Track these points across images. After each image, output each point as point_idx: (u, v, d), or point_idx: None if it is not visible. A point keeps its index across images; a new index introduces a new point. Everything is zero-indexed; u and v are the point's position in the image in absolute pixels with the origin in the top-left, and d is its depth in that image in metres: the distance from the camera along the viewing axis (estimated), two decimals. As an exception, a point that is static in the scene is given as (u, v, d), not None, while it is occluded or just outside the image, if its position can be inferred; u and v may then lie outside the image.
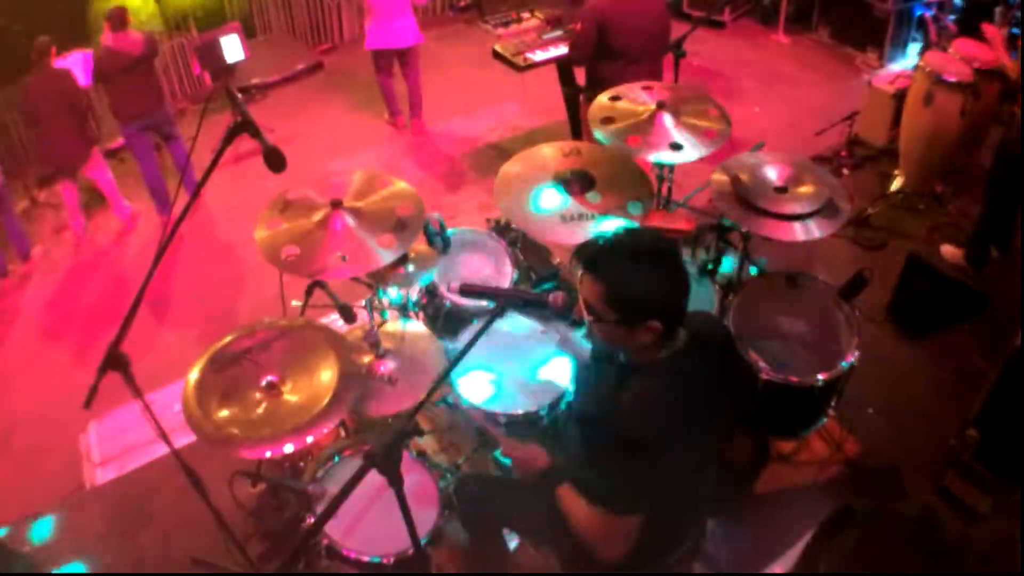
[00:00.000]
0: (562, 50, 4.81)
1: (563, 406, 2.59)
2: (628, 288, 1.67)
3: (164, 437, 2.13)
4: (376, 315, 2.94)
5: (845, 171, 5.02)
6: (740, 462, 2.88)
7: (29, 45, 4.87)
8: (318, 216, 2.65)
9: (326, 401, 2.30)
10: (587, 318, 1.75)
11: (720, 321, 1.95)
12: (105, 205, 5.57)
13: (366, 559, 2.23)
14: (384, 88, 6.03)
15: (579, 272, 1.74)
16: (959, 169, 4.63)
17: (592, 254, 1.72)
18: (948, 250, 4.11)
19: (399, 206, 2.73)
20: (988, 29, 3.98)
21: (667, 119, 3.11)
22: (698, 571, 2.62)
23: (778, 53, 6.91)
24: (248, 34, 6.77)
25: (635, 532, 1.75)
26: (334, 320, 3.10)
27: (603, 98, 3.32)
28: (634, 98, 3.28)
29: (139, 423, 3.34)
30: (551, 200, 2.77)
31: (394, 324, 2.92)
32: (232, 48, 6.27)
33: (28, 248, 5.23)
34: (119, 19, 4.82)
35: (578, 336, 2.75)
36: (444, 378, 2.01)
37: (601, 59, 4.11)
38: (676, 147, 3.04)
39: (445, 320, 3.06)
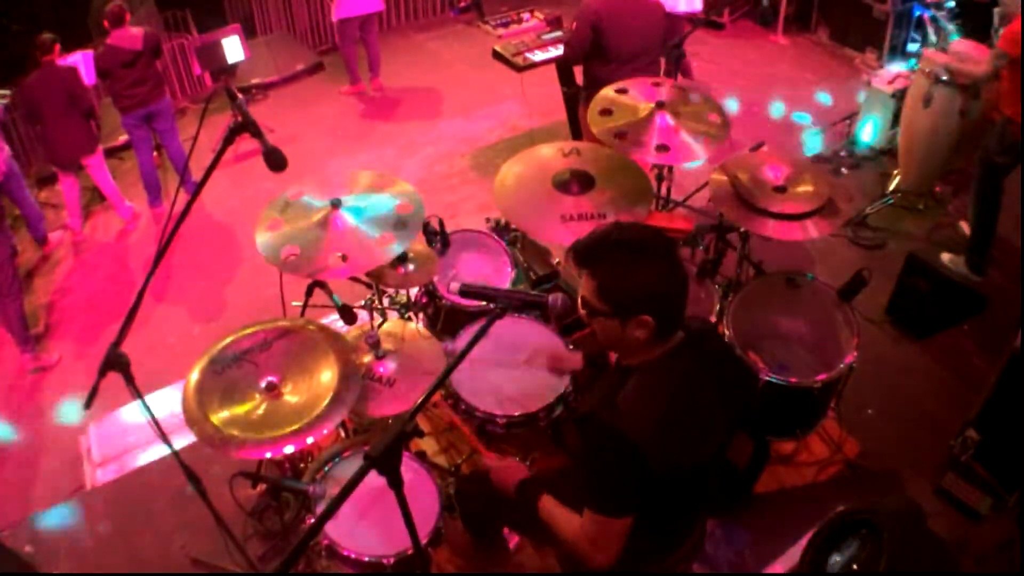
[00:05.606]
0: (561, 50, 4.81)
1: (562, 408, 2.59)
2: (621, 279, 1.67)
3: (164, 438, 2.12)
4: (375, 315, 2.94)
5: (844, 171, 5.02)
6: (740, 462, 2.88)
7: (30, 45, 4.88)
8: (318, 216, 2.65)
9: (326, 402, 2.30)
10: (582, 312, 1.76)
11: (713, 325, 1.93)
12: (105, 204, 5.58)
13: (366, 559, 2.23)
14: (349, 57, 6.57)
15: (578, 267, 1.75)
16: (959, 169, 4.63)
17: (586, 248, 1.72)
18: (948, 258, 4.08)
19: (399, 206, 2.73)
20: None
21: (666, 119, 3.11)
22: (698, 571, 2.62)
23: (777, 54, 6.92)
24: (248, 34, 6.78)
25: (625, 533, 1.73)
26: (334, 320, 3.10)
27: (608, 90, 3.31)
28: (636, 95, 3.27)
29: (139, 424, 3.37)
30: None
31: (394, 324, 2.92)
32: (233, 49, 6.28)
33: (45, 232, 5.26)
34: (117, 17, 4.89)
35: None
36: (444, 379, 2.00)
37: (597, 59, 4.09)
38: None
39: (445, 320, 3.06)
